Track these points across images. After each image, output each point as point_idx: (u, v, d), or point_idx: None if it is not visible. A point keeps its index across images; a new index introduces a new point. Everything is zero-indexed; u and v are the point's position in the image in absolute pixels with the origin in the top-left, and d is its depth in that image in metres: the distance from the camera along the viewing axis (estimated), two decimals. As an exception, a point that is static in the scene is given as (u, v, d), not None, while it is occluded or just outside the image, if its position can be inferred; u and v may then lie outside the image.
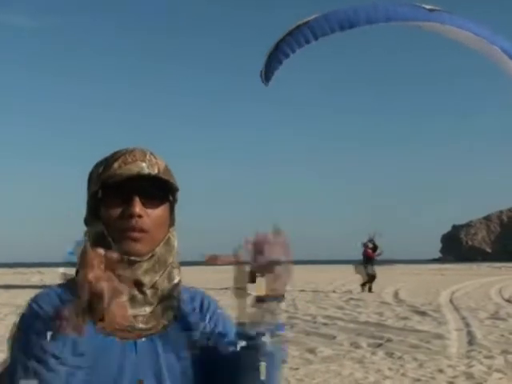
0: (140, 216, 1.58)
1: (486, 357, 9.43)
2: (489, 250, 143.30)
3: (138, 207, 1.58)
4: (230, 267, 1.59)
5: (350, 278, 37.04)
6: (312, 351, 9.77)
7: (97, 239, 1.59)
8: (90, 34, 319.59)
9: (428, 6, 8.03)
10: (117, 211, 1.59)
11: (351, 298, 20.54)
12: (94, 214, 1.63)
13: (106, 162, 1.64)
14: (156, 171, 1.63)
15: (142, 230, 1.59)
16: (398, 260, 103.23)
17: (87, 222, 1.66)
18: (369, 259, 24.75)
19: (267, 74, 7.84)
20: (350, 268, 27.76)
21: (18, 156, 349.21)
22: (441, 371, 8.48)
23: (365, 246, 24.99)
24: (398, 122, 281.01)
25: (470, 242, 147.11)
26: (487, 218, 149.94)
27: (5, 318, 15.39)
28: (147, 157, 1.64)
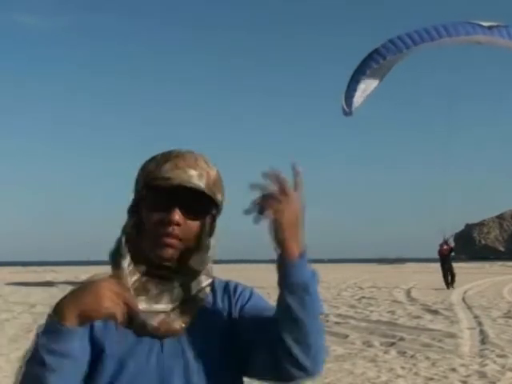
0: (178, 224, 1.61)
1: (499, 356, 9.39)
2: (502, 248, 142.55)
3: (177, 215, 1.60)
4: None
5: (363, 276, 37.01)
6: (324, 350, 9.81)
7: (131, 233, 1.64)
8: (102, 33, 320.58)
9: (486, 24, 8.06)
10: (158, 216, 1.61)
11: (363, 297, 20.50)
12: (135, 207, 1.66)
13: (157, 162, 1.64)
14: (204, 182, 1.63)
15: (176, 237, 1.62)
16: (410, 258, 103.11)
17: (129, 212, 1.68)
18: (444, 258, 25.89)
19: (348, 104, 8.02)
20: (362, 266, 27.69)
21: (30, 156, 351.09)
22: (453, 370, 8.45)
23: (441, 245, 26.19)
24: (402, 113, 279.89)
25: (482, 241, 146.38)
26: (500, 217, 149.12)
27: (18, 316, 15.43)
28: (199, 164, 1.64)
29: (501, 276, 35.85)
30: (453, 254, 27.01)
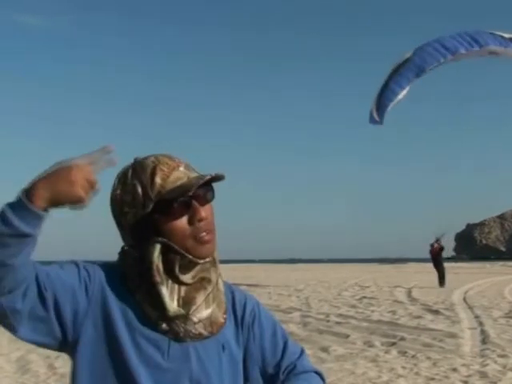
0: (206, 218, 1.58)
1: (500, 356, 9.38)
2: (503, 248, 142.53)
3: (202, 210, 1.57)
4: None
5: (364, 276, 37.00)
6: (325, 350, 9.75)
7: (163, 255, 1.56)
8: (103, 34, 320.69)
9: (507, 35, 8.00)
10: (183, 220, 1.56)
11: (364, 297, 20.49)
12: (146, 234, 1.57)
13: (140, 181, 1.57)
14: (197, 172, 1.62)
15: (209, 231, 1.59)
16: (411, 258, 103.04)
17: (137, 245, 1.59)
18: (436, 258, 26.74)
19: (380, 113, 7.97)
20: (363, 266, 27.81)
21: (30, 156, 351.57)
22: (454, 370, 8.44)
23: (432, 246, 26.91)
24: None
25: (483, 241, 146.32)
26: (501, 217, 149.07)
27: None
28: (177, 160, 1.61)
29: (502, 276, 35.84)
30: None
